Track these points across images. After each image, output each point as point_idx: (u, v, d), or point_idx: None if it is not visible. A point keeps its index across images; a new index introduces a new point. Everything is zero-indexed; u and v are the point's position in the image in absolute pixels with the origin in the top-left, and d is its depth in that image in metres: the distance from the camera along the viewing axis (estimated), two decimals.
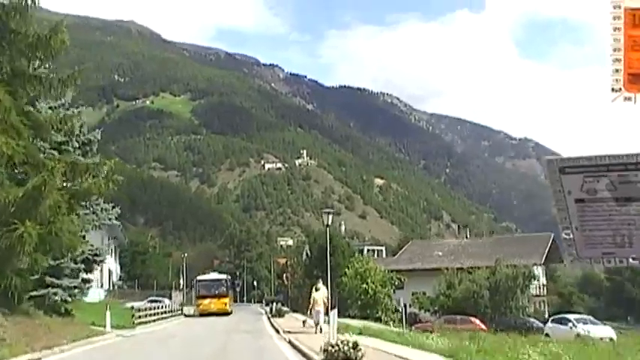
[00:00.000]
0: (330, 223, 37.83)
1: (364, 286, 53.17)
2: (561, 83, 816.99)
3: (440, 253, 69.52)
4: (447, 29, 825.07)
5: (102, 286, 62.36)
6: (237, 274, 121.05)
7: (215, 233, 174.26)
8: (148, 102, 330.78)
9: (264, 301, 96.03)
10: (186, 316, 55.81)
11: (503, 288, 54.15)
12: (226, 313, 54.58)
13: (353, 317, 49.04)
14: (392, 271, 57.46)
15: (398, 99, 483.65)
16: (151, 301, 56.67)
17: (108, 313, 31.78)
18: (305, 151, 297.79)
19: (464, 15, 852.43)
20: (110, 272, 71.81)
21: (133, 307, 37.12)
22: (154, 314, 44.33)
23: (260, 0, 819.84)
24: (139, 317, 38.54)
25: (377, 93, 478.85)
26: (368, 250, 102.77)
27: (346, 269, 55.94)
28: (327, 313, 27.77)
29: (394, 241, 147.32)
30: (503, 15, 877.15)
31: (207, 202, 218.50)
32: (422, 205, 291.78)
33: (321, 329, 28.75)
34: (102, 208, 42.19)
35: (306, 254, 71.14)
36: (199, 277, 61.83)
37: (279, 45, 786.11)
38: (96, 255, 40.02)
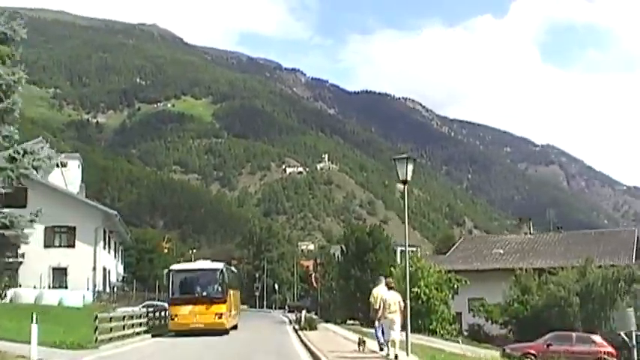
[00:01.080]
0: (408, 176, 21.56)
1: (415, 289, 41.37)
2: (585, 88, 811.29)
3: (501, 251, 57.02)
4: (470, 34, 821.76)
5: (95, 286, 54.13)
6: (257, 276, 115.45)
7: (235, 236, 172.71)
8: (169, 105, 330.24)
9: (286, 307, 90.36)
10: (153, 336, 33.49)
11: (598, 294, 41.84)
12: (221, 332, 32.88)
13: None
14: (450, 271, 46.22)
15: (420, 104, 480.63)
16: (147, 307, 44.03)
17: (34, 329, 19.22)
18: (327, 156, 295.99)
19: (486, 20, 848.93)
20: (106, 271, 60.36)
21: (97, 317, 25.89)
22: (133, 325, 31.58)
23: (282, 5, 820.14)
24: (110, 331, 27.08)
25: (399, 98, 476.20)
26: (401, 251, 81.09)
27: (391, 269, 45.76)
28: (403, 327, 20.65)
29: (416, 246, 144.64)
30: (527, 20, 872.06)
31: (227, 206, 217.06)
32: (444, 211, 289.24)
33: (396, 357, 19.29)
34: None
35: (342, 250, 59.87)
36: (175, 266, 37.75)
37: (300, 49, 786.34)
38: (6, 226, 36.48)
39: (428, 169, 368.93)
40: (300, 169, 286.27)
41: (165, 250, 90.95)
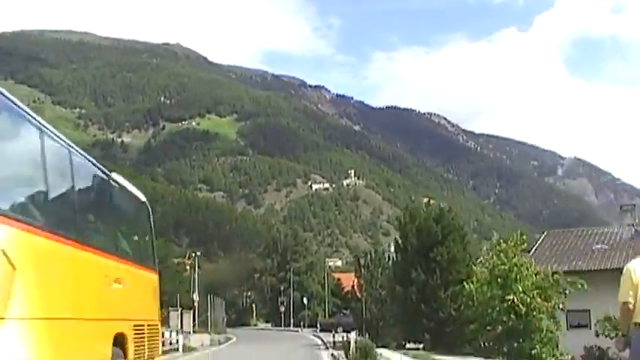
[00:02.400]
0: None
1: (510, 297, 29.36)
2: (612, 102, 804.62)
3: (605, 246, 43.69)
4: (494, 48, 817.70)
5: None
6: (282, 289, 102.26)
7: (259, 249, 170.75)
8: (194, 123, 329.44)
9: (318, 325, 78.31)
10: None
11: None
12: None
13: (484, 355, 31.13)
14: (555, 272, 32.36)
15: (445, 119, 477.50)
16: None
17: None
18: (353, 172, 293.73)
19: (511, 34, 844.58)
20: None
21: None
22: None
23: (306, 23, 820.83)
24: None
25: (424, 113, 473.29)
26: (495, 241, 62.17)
27: (472, 268, 35.39)
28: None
29: None
30: (552, 33, 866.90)
31: (253, 223, 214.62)
32: (472, 226, 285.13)
33: None
34: None
35: (397, 245, 44.25)
36: None
37: (325, 67, 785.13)
38: None
39: (455, 183, 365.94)
40: (327, 185, 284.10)
41: (195, 270, 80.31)
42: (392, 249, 50.94)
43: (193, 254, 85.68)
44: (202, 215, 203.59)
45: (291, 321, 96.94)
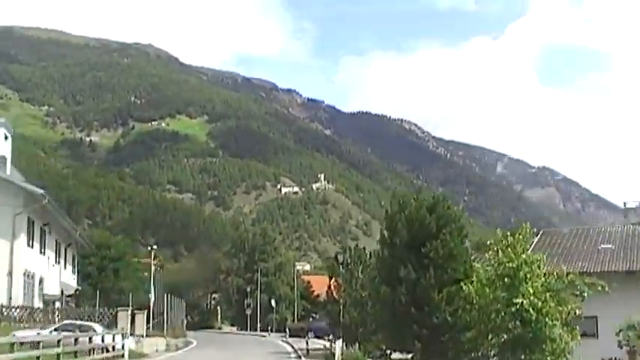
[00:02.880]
0: None
1: (518, 300, 25.22)
2: (582, 111, 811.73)
3: (612, 247, 40.13)
4: (466, 55, 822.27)
5: (10, 298, 39.85)
6: (249, 291, 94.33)
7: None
8: (163, 124, 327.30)
9: (287, 330, 72.18)
10: None
11: None
12: None
13: None
14: (569, 273, 27.16)
15: (416, 125, 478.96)
16: (63, 329, 31.08)
17: None
18: (322, 176, 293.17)
19: (483, 41, 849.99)
20: (34, 278, 45.54)
21: None
22: None
23: (279, 27, 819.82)
24: None
25: (395, 119, 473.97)
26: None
27: (471, 266, 32.63)
28: None
29: None
30: (524, 41, 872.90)
31: (221, 225, 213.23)
32: None
33: None
34: None
35: (383, 238, 37.42)
36: None
37: (297, 70, 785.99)
38: None
39: (424, 190, 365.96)
40: (296, 188, 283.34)
41: (154, 268, 73.44)
42: (374, 245, 47.92)
43: (153, 247, 79.33)
44: (170, 216, 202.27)
45: (258, 325, 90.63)
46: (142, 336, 44.02)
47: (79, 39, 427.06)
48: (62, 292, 54.31)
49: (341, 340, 32.31)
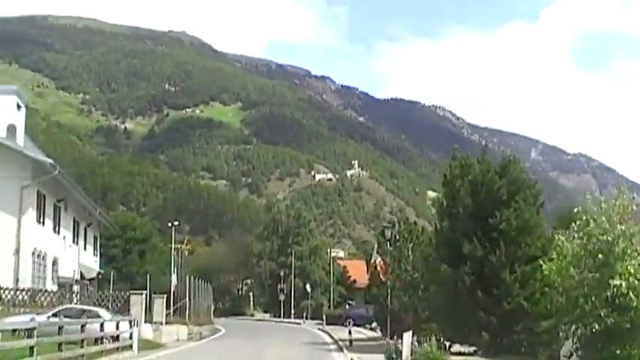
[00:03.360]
0: None
1: (614, 281, 20.47)
2: (618, 97, 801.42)
3: None
4: (500, 41, 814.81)
5: (18, 280, 36.02)
6: (282, 275, 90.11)
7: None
8: (197, 111, 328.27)
9: (324, 318, 65.67)
10: None
11: None
12: None
13: None
14: None
15: (450, 112, 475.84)
16: (67, 315, 27.73)
17: None
18: (356, 162, 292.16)
19: (517, 27, 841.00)
20: (45, 258, 41.20)
21: None
22: None
23: (312, 13, 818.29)
24: None
25: (429, 106, 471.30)
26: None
27: (551, 241, 25.70)
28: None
29: None
30: (558, 26, 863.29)
31: (255, 212, 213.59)
32: None
33: None
34: None
35: (442, 207, 32.65)
36: None
37: (330, 57, 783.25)
38: None
39: None
40: (330, 175, 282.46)
41: (178, 249, 66.85)
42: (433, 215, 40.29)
43: (174, 224, 69.95)
44: (204, 203, 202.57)
45: (292, 311, 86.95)
46: (161, 323, 40.01)
47: (114, 27, 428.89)
48: (82, 275, 49.78)
49: (410, 333, 25.09)
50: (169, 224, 68.86)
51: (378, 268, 43.95)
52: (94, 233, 56.54)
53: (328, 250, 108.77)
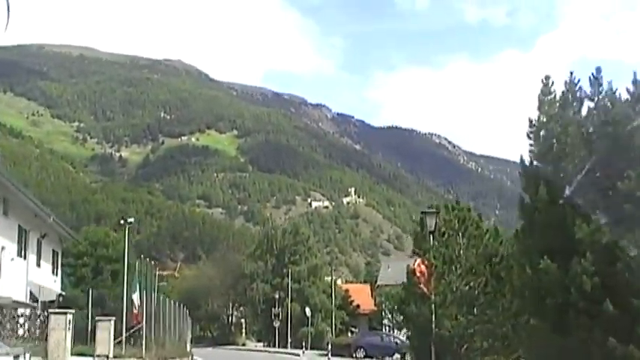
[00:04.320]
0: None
1: None
2: None
3: None
4: (496, 69, 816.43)
5: None
6: (277, 298, 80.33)
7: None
8: (193, 139, 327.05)
9: (329, 349, 51.63)
10: None
11: None
12: None
13: None
14: None
15: (446, 139, 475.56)
16: None
17: None
18: (353, 190, 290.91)
19: (512, 54, 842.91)
20: None
21: None
22: None
23: (308, 42, 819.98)
24: None
25: (425, 134, 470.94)
26: None
27: None
28: None
29: None
30: (554, 55, 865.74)
31: (250, 239, 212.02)
32: None
33: None
34: None
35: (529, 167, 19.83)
36: None
37: (326, 85, 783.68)
38: None
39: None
40: (326, 203, 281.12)
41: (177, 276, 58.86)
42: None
43: (128, 222, 46.49)
44: (199, 230, 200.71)
45: (289, 340, 76.96)
46: (107, 357, 31.67)
47: (109, 55, 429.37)
48: (32, 296, 38.04)
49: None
50: (120, 221, 51.31)
51: (417, 273, 32.11)
52: (53, 247, 46.17)
53: (330, 270, 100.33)
